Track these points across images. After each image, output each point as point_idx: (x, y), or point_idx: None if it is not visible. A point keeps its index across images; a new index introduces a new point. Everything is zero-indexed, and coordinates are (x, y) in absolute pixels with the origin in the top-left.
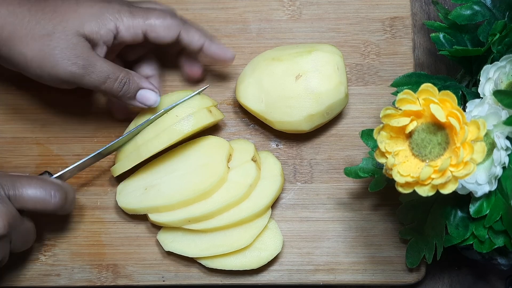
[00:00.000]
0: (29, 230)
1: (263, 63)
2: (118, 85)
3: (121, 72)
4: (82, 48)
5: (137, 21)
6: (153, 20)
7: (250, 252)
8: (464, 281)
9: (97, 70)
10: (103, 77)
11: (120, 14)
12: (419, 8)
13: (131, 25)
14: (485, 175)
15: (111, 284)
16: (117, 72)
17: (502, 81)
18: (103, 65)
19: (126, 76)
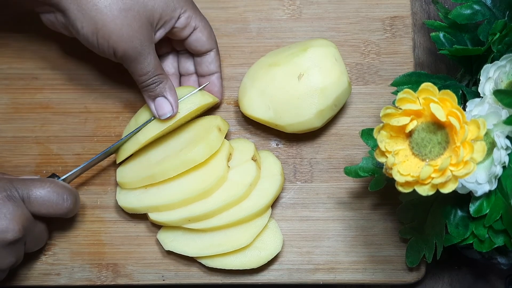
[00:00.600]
0: (41, 231)
1: (262, 71)
2: (151, 82)
3: (161, 73)
4: (147, 34)
5: (195, 15)
6: (205, 23)
7: (250, 251)
8: (464, 281)
9: (146, 62)
10: (146, 70)
11: (186, 3)
12: (419, 7)
13: (191, 16)
14: (485, 175)
15: (111, 283)
16: (158, 71)
17: (502, 80)
18: (152, 59)
19: (161, 78)
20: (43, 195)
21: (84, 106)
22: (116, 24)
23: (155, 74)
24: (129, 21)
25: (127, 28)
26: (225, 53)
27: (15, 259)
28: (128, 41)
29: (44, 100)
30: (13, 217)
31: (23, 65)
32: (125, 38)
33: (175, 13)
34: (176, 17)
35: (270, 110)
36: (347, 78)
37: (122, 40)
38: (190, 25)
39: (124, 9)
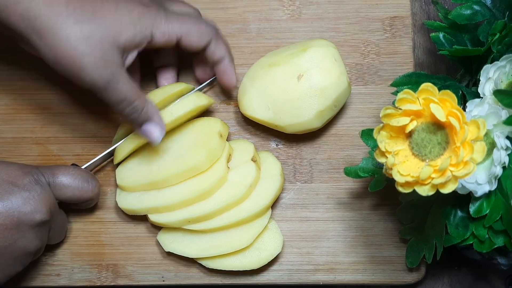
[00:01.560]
0: (64, 222)
1: (261, 72)
2: (130, 110)
3: (138, 99)
4: (113, 61)
5: (172, 27)
6: (188, 26)
7: (250, 252)
8: (464, 281)
9: (118, 90)
10: (120, 98)
11: (157, 19)
12: (419, 7)
13: (166, 31)
14: (485, 175)
15: (111, 284)
16: (134, 97)
17: (502, 80)
18: (124, 85)
19: (141, 104)
20: (68, 179)
21: (84, 107)
22: (77, 54)
23: (132, 101)
24: (91, 49)
25: (88, 58)
26: None
27: (41, 243)
28: (92, 70)
29: (44, 100)
30: (41, 199)
31: (23, 65)
32: (89, 68)
33: (146, 32)
34: (147, 36)
35: (270, 110)
36: (346, 78)
37: (85, 70)
38: (170, 40)
39: (84, 38)
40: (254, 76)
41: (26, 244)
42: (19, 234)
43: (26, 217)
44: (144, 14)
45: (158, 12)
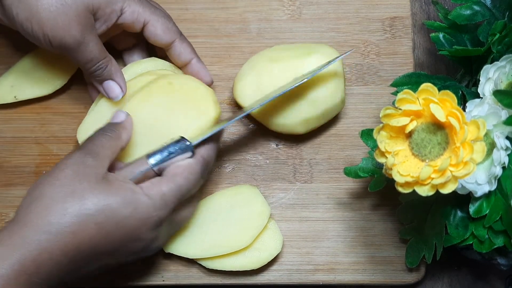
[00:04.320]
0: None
1: (261, 63)
2: (95, 68)
3: (104, 57)
4: (85, 22)
5: (143, 9)
6: (157, 16)
7: (250, 252)
8: (464, 281)
9: (88, 50)
10: (88, 58)
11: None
12: (419, 8)
13: (136, 11)
14: (485, 175)
15: (110, 284)
16: (100, 57)
17: (502, 81)
18: (94, 47)
19: (106, 62)
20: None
21: (84, 106)
22: (50, 12)
23: (99, 60)
24: (65, 9)
25: (62, 16)
26: (225, 53)
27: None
28: (65, 30)
29: (43, 100)
30: None
31: None
32: (61, 27)
33: (116, 6)
34: (117, 10)
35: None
36: (341, 94)
37: (58, 28)
38: (138, 20)
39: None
40: (253, 66)
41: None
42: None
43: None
44: None
45: None
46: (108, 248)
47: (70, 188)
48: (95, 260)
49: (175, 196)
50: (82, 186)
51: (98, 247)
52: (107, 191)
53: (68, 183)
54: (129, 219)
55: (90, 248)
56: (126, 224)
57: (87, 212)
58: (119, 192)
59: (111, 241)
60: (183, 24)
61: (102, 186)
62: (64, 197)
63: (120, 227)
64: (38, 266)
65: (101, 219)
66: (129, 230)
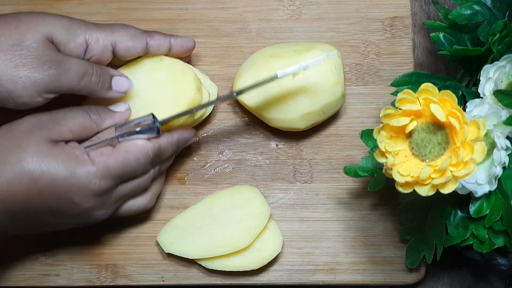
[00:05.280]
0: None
1: (261, 60)
2: (96, 78)
3: (93, 65)
4: (54, 52)
5: (105, 34)
6: (119, 32)
7: (250, 252)
8: (464, 281)
9: (73, 67)
10: (81, 73)
11: (88, 27)
12: (419, 7)
13: (100, 37)
14: (485, 175)
15: (110, 284)
16: (90, 66)
17: (502, 81)
18: (77, 61)
19: (98, 67)
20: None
21: None
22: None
23: (92, 69)
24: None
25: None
26: (225, 53)
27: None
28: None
29: None
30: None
31: None
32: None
33: (79, 39)
34: (82, 43)
35: (259, 99)
36: (342, 88)
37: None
38: (105, 44)
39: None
40: (253, 63)
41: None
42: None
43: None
44: (73, 21)
45: (88, 23)
46: (43, 206)
47: (17, 142)
48: (33, 214)
49: (120, 171)
50: (27, 142)
51: (33, 203)
52: (49, 151)
53: (18, 136)
54: (66, 181)
55: (25, 202)
56: (61, 186)
57: (24, 166)
58: (61, 154)
59: (45, 199)
60: (183, 24)
61: (47, 147)
62: (8, 148)
63: (55, 187)
64: None
65: (36, 175)
66: (64, 193)
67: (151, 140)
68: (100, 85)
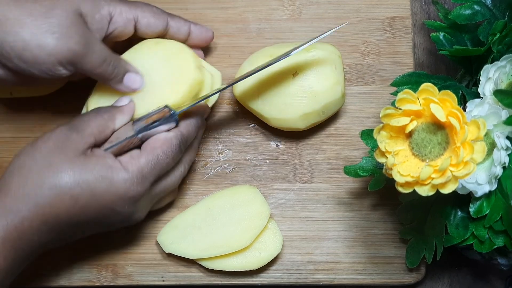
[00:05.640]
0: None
1: (261, 60)
2: (112, 68)
3: (113, 55)
4: (83, 26)
5: (128, 7)
6: (142, 8)
7: (250, 252)
8: (464, 281)
9: (97, 50)
10: (101, 58)
11: (112, 1)
12: (419, 7)
13: (123, 10)
14: (485, 175)
15: (110, 284)
16: (110, 55)
17: (502, 80)
18: (101, 46)
19: (116, 59)
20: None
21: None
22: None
23: (112, 59)
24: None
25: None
26: (225, 53)
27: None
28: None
29: (43, 100)
30: None
31: None
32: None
33: (103, 10)
34: (106, 15)
35: (259, 99)
36: (342, 88)
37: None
38: (128, 19)
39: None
40: (254, 62)
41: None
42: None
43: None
44: None
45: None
46: (85, 219)
47: (48, 161)
48: (74, 229)
49: (154, 169)
50: (59, 159)
51: (75, 218)
52: (83, 165)
53: (47, 155)
54: (105, 193)
55: (68, 219)
56: (102, 198)
57: (63, 185)
58: (96, 166)
59: (87, 213)
60: None
61: (80, 160)
62: (41, 169)
63: (96, 200)
64: (20, 234)
65: (76, 193)
66: (105, 204)
67: (172, 130)
68: (113, 76)
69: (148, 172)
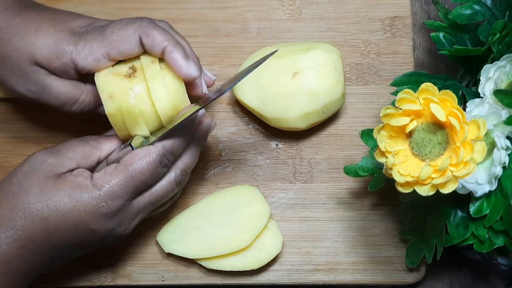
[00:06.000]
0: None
1: None
2: (77, 107)
3: (82, 94)
4: (36, 74)
5: (92, 48)
6: (109, 37)
7: (250, 252)
8: (464, 281)
9: (53, 93)
10: (61, 100)
11: (76, 45)
12: (419, 7)
13: (91, 52)
14: (485, 175)
15: (110, 284)
16: (76, 94)
17: (502, 80)
18: (59, 88)
19: (86, 97)
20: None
21: None
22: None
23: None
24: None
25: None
26: (225, 53)
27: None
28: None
29: None
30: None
31: None
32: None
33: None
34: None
35: (259, 99)
36: (342, 88)
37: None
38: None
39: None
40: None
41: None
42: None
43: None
44: (62, 40)
45: (77, 39)
46: (61, 241)
47: (20, 185)
48: (56, 251)
49: (127, 187)
50: (30, 183)
51: (51, 240)
52: (52, 187)
53: (20, 179)
54: (73, 212)
55: (44, 242)
56: (71, 218)
57: (32, 207)
58: (63, 187)
59: (61, 234)
60: (183, 24)
61: (49, 183)
62: (14, 193)
63: (66, 221)
64: (2, 258)
65: (46, 214)
66: (77, 223)
67: (155, 143)
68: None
69: (121, 190)
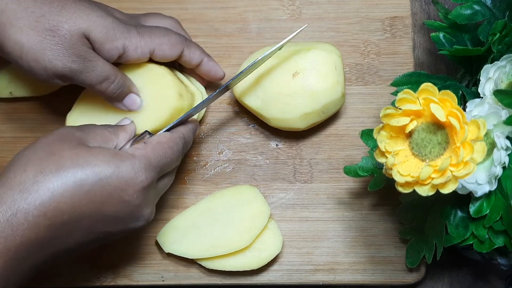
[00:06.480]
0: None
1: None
2: (114, 87)
3: (118, 75)
4: (85, 48)
5: (144, 41)
6: (159, 39)
7: (250, 252)
8: (464, 281)
9: (98, 70)
10: (102, 77)
11: (130, 33)
12: (419, 7)
13: (139, 45)
14: (485, 175)
15: (110, 284)
16: (115, 74)
17: (502, 80)
18: (104, 65)
19: (122, 79)
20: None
21: None
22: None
23: (115, 78)
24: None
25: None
26: (225, 53)
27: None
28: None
29: (43, 100)
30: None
31: None
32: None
33: (117, 42)
34: (119, 47)
35: (259, 99)
36: (341, 89)
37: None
38: (143, 51)
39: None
40: None
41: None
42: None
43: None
44: (117, 24)
45: (130, 28)
46: (90, 208)
47: (49, 149)
48: (78, 225)
49: (160, 162)
50: (62, 147)
51: (79, 207)
52: (87, 152)
53: (49, 145)
54: (112, 178)
55: (71, 209)
56: (108, 184)
57: (66, 170)
58: (100, 154)
59: (94, 202)
60: (183, 24)
61: (84, 148)
62: (42, 157)
63: (103, 186)
64: (13, 229)
65: (80, 177)
66: (113, 190)
67: (174, 131)
68: (116, 95)
69: (156, 162)
